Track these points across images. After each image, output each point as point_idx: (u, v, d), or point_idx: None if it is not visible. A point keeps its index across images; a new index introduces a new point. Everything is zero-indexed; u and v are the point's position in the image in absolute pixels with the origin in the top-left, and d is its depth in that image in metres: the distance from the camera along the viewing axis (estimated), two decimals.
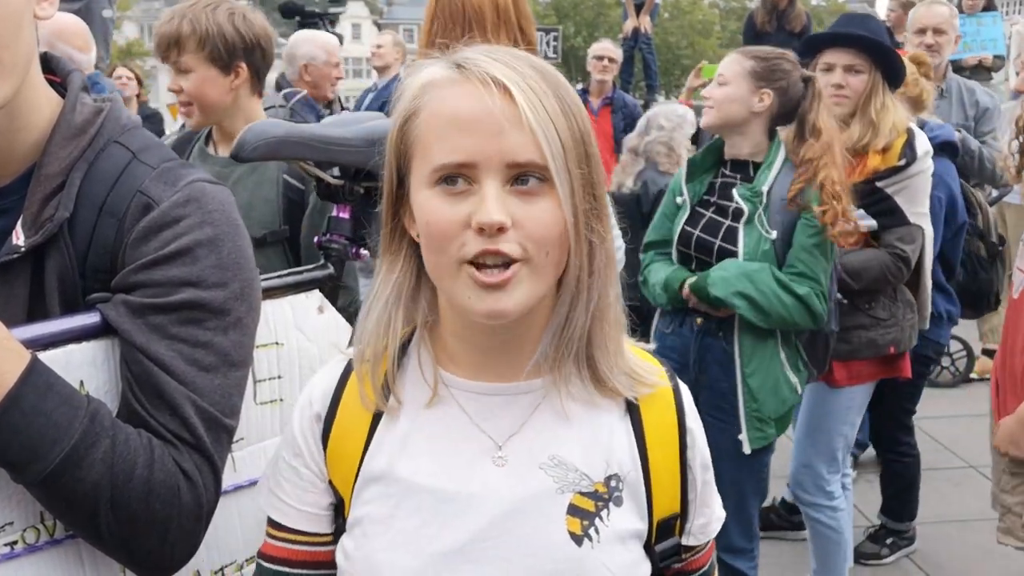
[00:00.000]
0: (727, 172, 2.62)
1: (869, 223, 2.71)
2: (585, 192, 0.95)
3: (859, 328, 2.76)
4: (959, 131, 3.79)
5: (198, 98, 2.33)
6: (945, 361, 5.45)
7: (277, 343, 1.39)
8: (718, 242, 2.54)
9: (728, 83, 2.55)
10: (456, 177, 0.92)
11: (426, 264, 0.98)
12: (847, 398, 2.86)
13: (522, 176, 0.92)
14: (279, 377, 1.38)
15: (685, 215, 2.65)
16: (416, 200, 0.96)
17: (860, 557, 3.49)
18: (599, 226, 0.97)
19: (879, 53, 2.67)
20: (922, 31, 4.10)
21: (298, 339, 1.41)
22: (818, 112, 2.51)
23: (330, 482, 1.07)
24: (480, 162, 0.91)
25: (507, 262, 0.91)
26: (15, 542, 1.05)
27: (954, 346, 5.17)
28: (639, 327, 1.11)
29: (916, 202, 2.72)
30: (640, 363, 1.07)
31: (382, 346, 1.03)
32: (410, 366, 1.06)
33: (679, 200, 2.69)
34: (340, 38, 4.36)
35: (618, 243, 2.29)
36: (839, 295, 2.67)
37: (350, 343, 1.20)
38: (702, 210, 2.62)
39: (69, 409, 1.01)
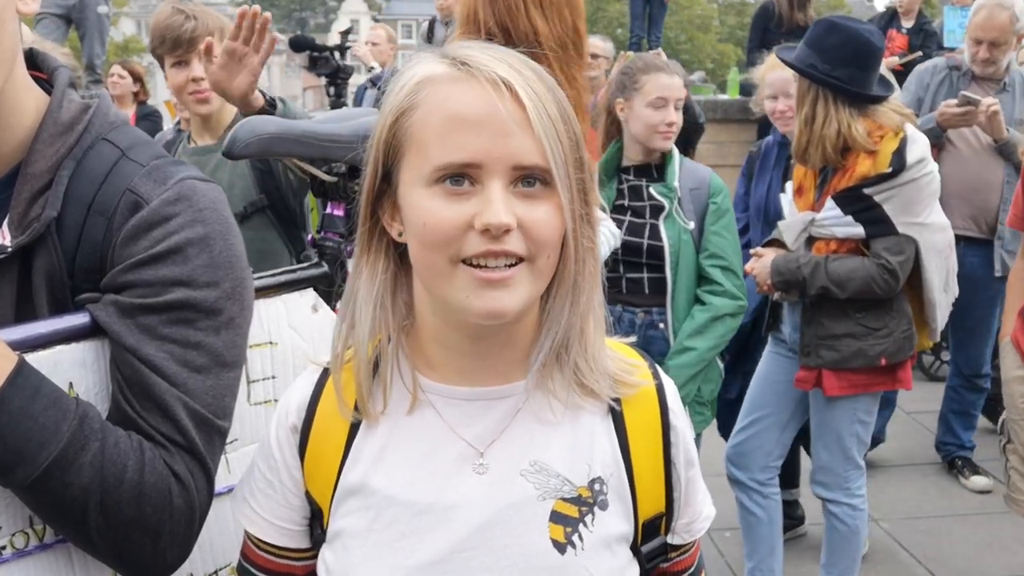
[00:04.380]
0: (631, 177, 2.79)
1: (854, 231, 2.67)
2: (579, 198, 0.95)
3: (848, 336, 2.71)
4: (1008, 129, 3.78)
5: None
6: (945, 355, 5.44)
7: (271, 343, 1.37)
8: (645, 241, 2.70)
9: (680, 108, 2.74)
10: (460, 177, 0.90)
11: (416, 264, 0.96)
12: (847, 405, 2.81)
13: (525, 178, 0.91)
14: (273, 377, 1.37)
15: None
16: (409, 199, 0.94)
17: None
18: (590, 231, 0.97)
19: (801, 73, 2.66)
20: (978, 42, 3.96)
21: (292, 338, 1.40)
22: None
23: (307, 493, 1.06)
24: (486, 163, 0.89)
25: (511, 262, 0.90)
26: (3, 547, 1.03)
27: None
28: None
29: (907, 212, 2.66)
30: (623, 362, 1.05)
31: (361, 353, 1.00)
32: (387, 373, 1.03)
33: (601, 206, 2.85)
34: (344, 51, 4.30)
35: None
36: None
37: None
38: (618, 216, 2.77)
39: (57, 412, 1.00)
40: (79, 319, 1.08)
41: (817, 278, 2.66)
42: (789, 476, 3.69)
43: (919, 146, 2.63)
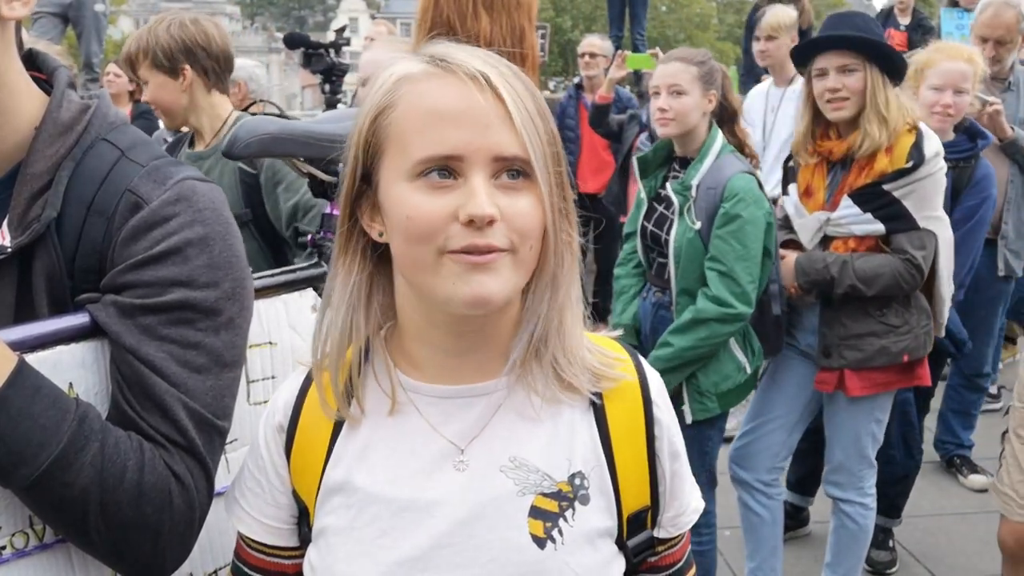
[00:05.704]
0: (676, 168, 2.82)
1: (873, 228, 2.65)
2: (558, 192, 0.96)
3: (871, 335, 2.69)
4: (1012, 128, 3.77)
5: (157, 103, 2.67)
6: None
7: (270, 343, 1.37)
8: (663, 234, 2.76)
9: (685, 92, 2.71)
10: (441, 169, 0.91)
11: (400, 260, 0.96)
12: (867, 405, 2.80)
13: (506, 170, 0.92)
14: (272, 377, 1.37)
15: (643, 210, 2.87)
16: (391, 195, 0.94)
17: (876, 567, 3.47)
18: (567, 226, 0.98)
19: (871, 48, 2.59)
20: (984, 40, 3.95)
21: (292, 338, 1.40)
22: (733, 95, 2.87)
23: (294, 492, 1.07)
24: (467, 155, 0.90)
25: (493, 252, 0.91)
26: (3, 547, 1.03)
27: None
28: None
29: (926, 206, 2.64)
30: (603, 356, 1.05)
31: (342, 353, 1.01)
32: (369, 373, 1.04)
33: (641, 196, 2.90)
34: (338, 47, 4.27)
35: None
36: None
37: None
38: (656, 204, 2.83)
39: (57, 412, 1.00)
40: (79, 319, 1.08)
41: (845, 276, 2.63)
42: (809, 484, 3.67)
43: (933, 140, 2.62)
